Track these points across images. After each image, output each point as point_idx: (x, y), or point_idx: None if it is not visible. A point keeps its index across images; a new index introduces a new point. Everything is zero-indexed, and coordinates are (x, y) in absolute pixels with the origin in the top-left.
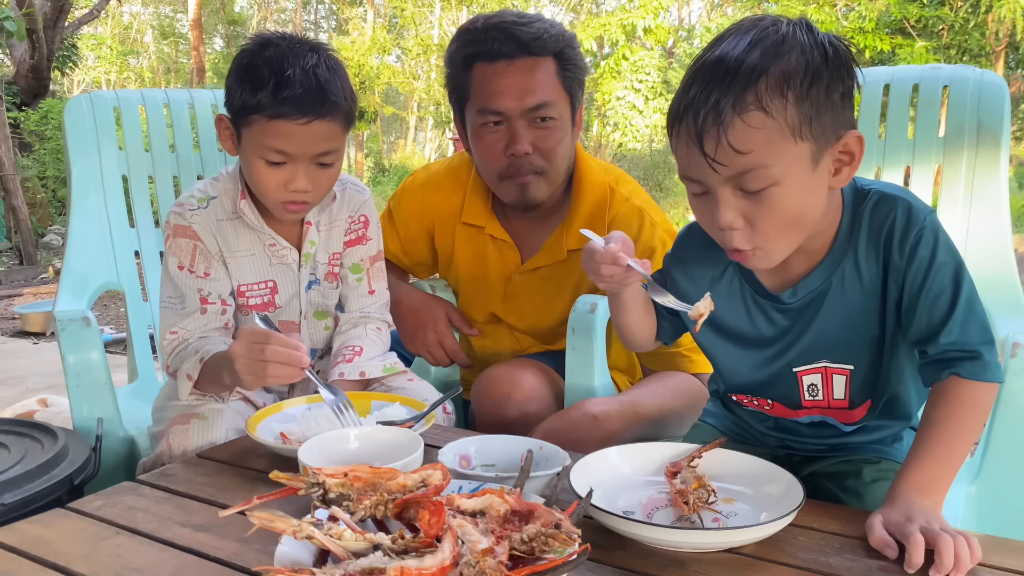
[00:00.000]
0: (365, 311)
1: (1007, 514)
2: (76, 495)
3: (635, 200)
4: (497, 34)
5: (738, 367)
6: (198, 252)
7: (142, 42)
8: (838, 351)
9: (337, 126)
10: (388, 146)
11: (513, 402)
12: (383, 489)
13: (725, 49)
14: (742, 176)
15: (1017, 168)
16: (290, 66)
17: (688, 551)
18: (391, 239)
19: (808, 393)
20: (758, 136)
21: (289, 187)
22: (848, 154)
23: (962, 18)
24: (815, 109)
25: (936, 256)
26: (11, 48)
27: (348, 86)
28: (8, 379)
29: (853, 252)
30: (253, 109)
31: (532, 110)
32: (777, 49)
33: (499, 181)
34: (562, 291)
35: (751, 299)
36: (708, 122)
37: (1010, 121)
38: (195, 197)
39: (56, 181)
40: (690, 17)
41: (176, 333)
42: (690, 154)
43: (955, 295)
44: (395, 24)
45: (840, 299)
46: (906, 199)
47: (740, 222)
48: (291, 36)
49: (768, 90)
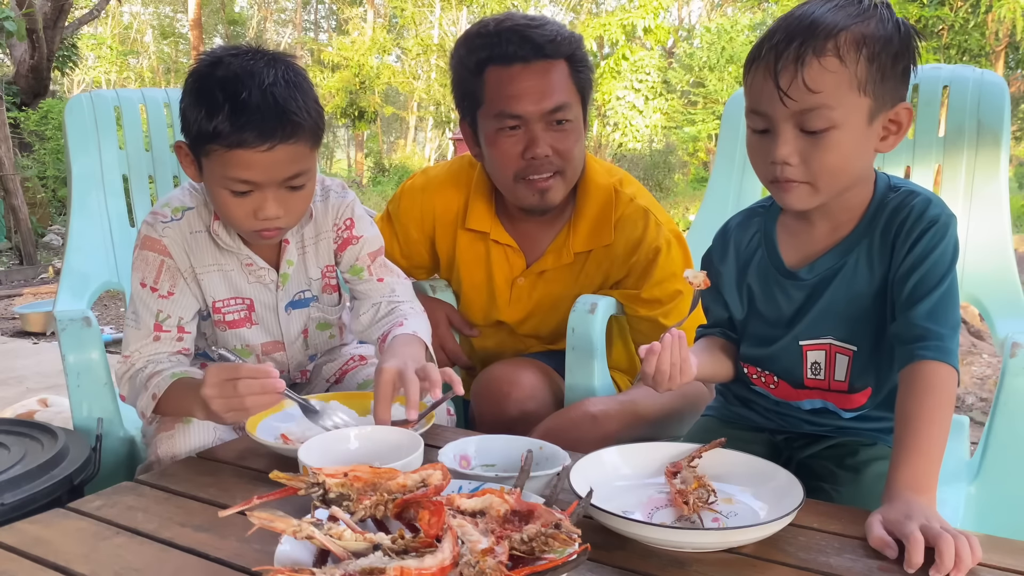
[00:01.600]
0: (392, 297)
1: (1007, 514)
2: (76, 495)
3: (640, 201)
4: (512, 37)
5: (754, 334)
6: (165, 268)
7: (142, 42)
8: (843, 328)
9: (303, 146)
10: (388, 146)
11: (512, 401)
12: (383, 489)
13: (812, 7)
14: (807, 114)
15: (1017, 168)
16: (245, 87)
17: (688, 551)
18: (390, 242)
19: (811, 371)
20: (830, 79)
21: (259, 215)
22: (896, 123)
23: (962, 18)
24: (881, 72)
25: (936, 249)
26: (11, 48)
27: (312, 100)
28: (8, 379)
29: (870, 237)
30: (210, 138)
31: (550, 112)
32: (860, 15)
33: (515, 183)
34: (567, 293)
35: (773, 276)
36: (788, 59)
37: (1010, 121)
38: (170, 207)
39: (56, 181)
40: (690, 17)
41: (128, 356)
42: (764, 88)
43: (939, 284)
44: (395, 24)
45: (851, 279)
46: (929, 197)
47: (796, 159)
48: (245, 50)
49: (846, 43)
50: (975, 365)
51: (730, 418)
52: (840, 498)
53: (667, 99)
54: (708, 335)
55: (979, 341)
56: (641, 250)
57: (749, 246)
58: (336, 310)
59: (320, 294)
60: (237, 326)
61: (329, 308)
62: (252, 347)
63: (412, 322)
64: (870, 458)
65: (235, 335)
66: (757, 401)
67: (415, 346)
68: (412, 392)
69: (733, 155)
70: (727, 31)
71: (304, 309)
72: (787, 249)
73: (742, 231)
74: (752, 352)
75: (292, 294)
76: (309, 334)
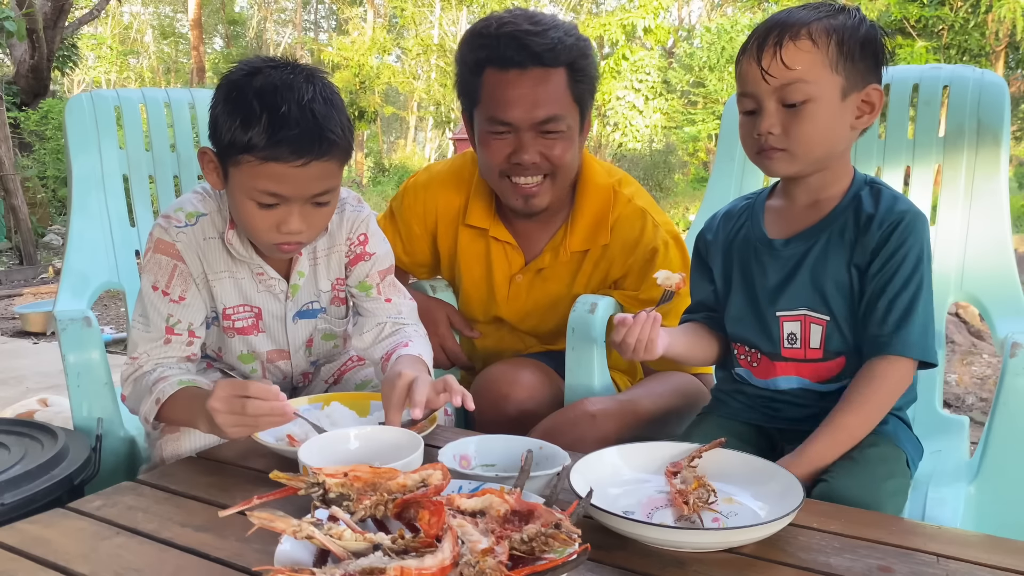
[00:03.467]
0: (398, 319)
1: (1007, 514)
2: (76, 495)
3: (638, 201)
4: (510, 42)
5: (736, 307)
6: (177, 273)
7: (142, 42)
8: (816, 299)
9: (335, 164)
10: (388, 146)
11: (512, 401)
12: (383, 489)
13: (790, 9)
14: (786, 88)
15: (1017, 168)
16: (284, 101)
17: (688, 551)
18: (392, 239)
19: (788, 341)
20: (805, 58)
21: (282, 229)
22: (869, 104)
23: (962, 18)
24: (851, 55)
25: (904, 244)
26: (11, 48)
27: (346, 118)
28: (8, 379)
29: (843, 221)
30: (243, 148)
31: (541, 123)
32: (829, 12)
33: (500, 181)
34: (565, 292)
35: (753, 247)
36: (768, 44)
37: (1010, 121)
38: (184, 211)
39: (56, 181)
40: (690, 17)
41: (136, 359)
42: (749, 72)
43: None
44: (395, 24)
45: (823, 255)
46: (897, 195)
47: (778, 129)
48: (282, 62)
49: (817, 30)
50: (975, 365)
51: (725, 413)
52: (834, 486)
53: (667, 99)
54: (691, 320)
55: (979, 341)
56: (639, 250)
57: (738, 221)
58: (343, 322)
59: (328, 306)
60: (245, 333)
61: (336, 320)
62: (258, 354)
63: (417, 345)
64: (863, 445)
65: (243, 341)
66: (743, 390)
67: (419, 368)
68: (419, 392)
69: (733, 155)
70: (727, 31)
71: (311, 320)
72: (770, 224)
73: (734, 210)
74: (735, 328)
75: (301, 304)
76: (314, 343)
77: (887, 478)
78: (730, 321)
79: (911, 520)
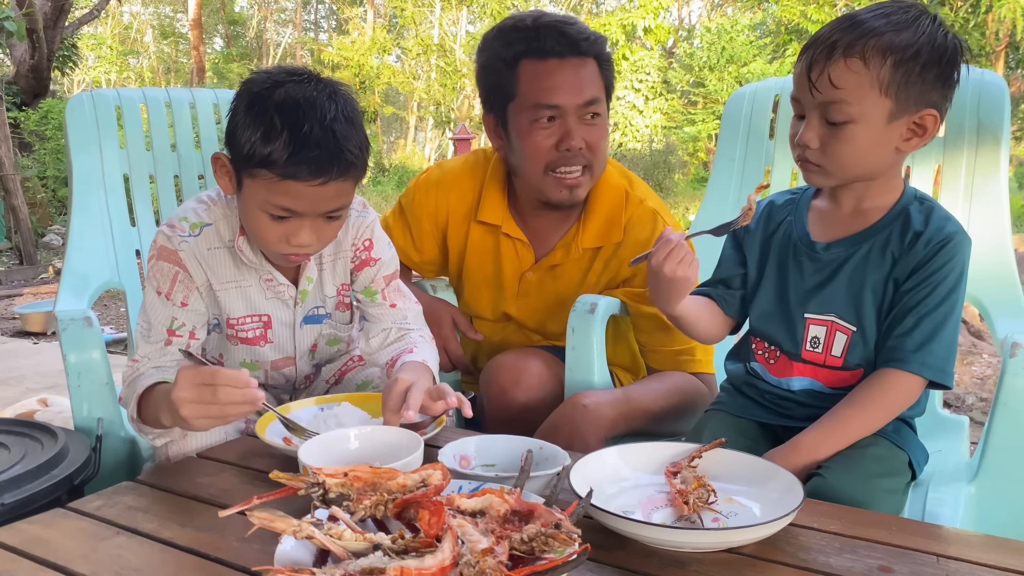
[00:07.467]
0: (403, 324)
1: (1007, 514)
2: (76, 495)
3: (649, 203)
4: (550, 32)
5: (764, 302)
6: (179, 280)
7: (142, 42)
8: (848, 308)
9: (351, 183)
10: (388, 146)
11: (521, 389)
12: (383, 489)
13: (863, 11)
14: (829, 106)
15: (1017, 168)
16: (307, 120)
17: (688, 551)
18: (401, 235)
19: (810, 344)
20: (852, 79)
21: (292, 241)
22: (921, 127)
23: (962, 18)
24: (906, 78)
25: (946, 266)
26: (11, 48)
27: (363, 136)
28: (8, 379)
29: (888, 233)
30: (262, 163)
31: (585, 105)
32: (897, 24)
33: (544, 176)
34: (574, 290)
35: (794, 246)
36: (821, 55)
37: (1010, 121)
38: (188, 222)
39: (56, 181)
40: (690, 17)
41: (136, 361)
42: (801, 78)
43: (942, 302)
44: (395, 24)
45: (864, 264)
46: (949, 214)
47: (816, 143)
48: (304, 75)
49: (874, 48)
50: (975, 365)
51: (733, 410)
52: (829, 480)
53: (667, 99)
54: (705, 293)
55: (979, 341)
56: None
57: (780, 215)
58: (347, 327)
59: (334, 311)
60: (251, 343)
61: (341, 325)
62: (262, 363)
63: (422, 350)
64: (861, 444)
65: (248, 351)
66: (755, 384)
67: (424, 373)
68: (414, 397)
69: (733, 155)
70: (727, 31)
71: (317, 325)
72: (814, 225)
73: (779, 203)
74: (759, 322)
75: (307, 310)
76: (318, 348)
77: (882, 476)
78: (755, 316)
79: (911, 520)
